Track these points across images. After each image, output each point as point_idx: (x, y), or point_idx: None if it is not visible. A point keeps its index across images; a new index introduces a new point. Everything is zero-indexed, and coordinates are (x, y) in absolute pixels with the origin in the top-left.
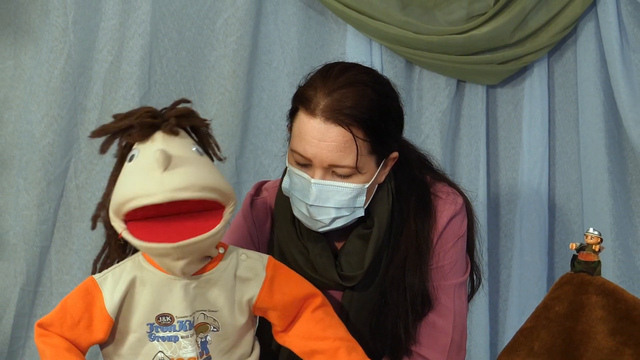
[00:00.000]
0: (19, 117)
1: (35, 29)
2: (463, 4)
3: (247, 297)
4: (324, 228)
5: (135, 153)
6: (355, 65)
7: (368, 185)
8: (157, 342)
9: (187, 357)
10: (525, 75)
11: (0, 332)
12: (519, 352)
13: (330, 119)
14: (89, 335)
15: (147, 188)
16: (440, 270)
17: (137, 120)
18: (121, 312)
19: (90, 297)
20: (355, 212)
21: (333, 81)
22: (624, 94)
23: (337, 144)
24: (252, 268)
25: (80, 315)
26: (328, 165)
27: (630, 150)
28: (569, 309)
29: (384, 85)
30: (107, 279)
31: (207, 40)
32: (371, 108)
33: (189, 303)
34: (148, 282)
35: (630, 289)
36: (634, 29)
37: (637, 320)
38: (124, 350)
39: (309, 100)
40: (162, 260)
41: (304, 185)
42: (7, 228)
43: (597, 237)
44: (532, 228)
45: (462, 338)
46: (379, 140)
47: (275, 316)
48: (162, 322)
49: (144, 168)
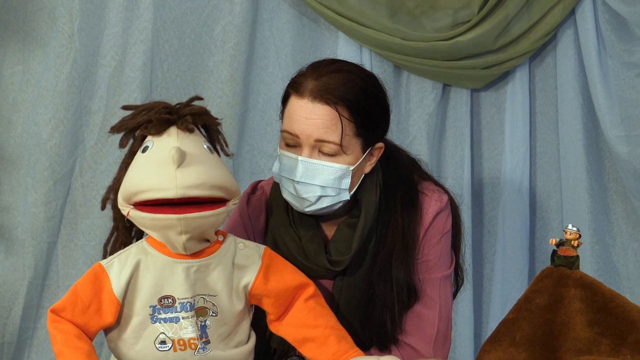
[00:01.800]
0: (27, 119)
1: (42, 35)
2: (448, 12)
3: (244, 283)
4: (311, 207)
5: (149, 145)
6: (344, 60)
7: (353, 168)
8: (159, 324)
9: (188, 337)
10: (508, 80)
11: (10, 323)
12: (501, 342)
13: (317, 98)
14: (99, 319)
15: (160, 182)
16: (426, 264)
17: (155, 116)
18: (126, 296)
19: (98, 282)
20: (340, 194)
21: (322, 69)
22: (601, 97)
23: (323, 121)
24: (249, 256)
25: (90, 300)
26: (314, 142)
27: (607, 150)
28: (549, 301)
29: (370, 76)
30: (113, 264)
31: (206, 46)
32: (357, 91)
33: (190, 285)
34: (151, 265)
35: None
36: (610, 35)
37: (614, 312)
38: (127, 334)
39: (299, 84)
40: (166, 233)
41: (292, 164)
42: (16, 224)
43: (576, 233)
44: (514, 224)
45: (448, 328)
46: (364, 124)
47: (269, 304)
48: (164, 304)
49: (159, 162)
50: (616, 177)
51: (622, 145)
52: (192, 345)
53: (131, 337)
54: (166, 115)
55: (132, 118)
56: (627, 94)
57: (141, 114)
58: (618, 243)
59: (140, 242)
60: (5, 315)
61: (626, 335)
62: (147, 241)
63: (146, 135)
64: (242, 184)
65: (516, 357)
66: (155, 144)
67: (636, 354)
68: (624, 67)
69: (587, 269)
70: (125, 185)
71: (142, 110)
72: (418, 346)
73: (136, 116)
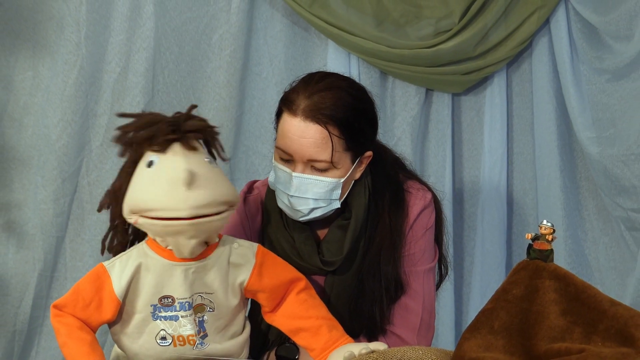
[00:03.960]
0: (37, 122)
1: (51, 43)
2: (431, 21)
3: (239, 280)
4: (304, 217)
5: (154, 160)
6: (334, 73)
7: (343, 179)
8: (159, 321)
9: (186, 334)
10: (487, 85)
11: (21, 312)
12: (480, 330)
13: (309, 118)
14: (98, 316)
15: (173, 204)
16: (411, 258)
17: (160, 135)
18: (127, 295)
19: (100, 281)
20: (331, 204)
21: (313, 86)
22: (574, 101)
23: (315, 140)
24: (243, 255)
25: (91, 298)
26: (307, 160)
27: (580, 151)
28: (525, 292)
29: (359, 90)
30: (115, 265)
31: (204, 53)
32: (346, 109)
33: (189, 286)
34: (152, 267)
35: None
36: (582, 43)
37: (586, 302)
38: (129, 329)
39: (292, 102)
40: (175, 239)
41: (286, 178)
42: (27, 220)
43: (550, 228)
44: (493, 220)
45: (431, 318)
46: (353, 139)
47: (264, 298)
48: (164, 303)
49: (169, 182)
50: (588, 175)
51: (593, 146)
52: (190, 341)
53: (134, 332)
54: (171, 135)
55: (135, 130)
56: (598, 98)
57: (145, 129)
58: (589, 237)
59: (140, 245)
60: (16, 305)
61: (597, 323)
62: (147, 244)
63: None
64: (238, 182)
65: (494, 344)
66: (160, 160)
67: (606, 340)
68: (595, 72)
69: (561, 262)
70: (133, 199)
71: (144, 124)
72: (403, 335)
73: (138, 130)
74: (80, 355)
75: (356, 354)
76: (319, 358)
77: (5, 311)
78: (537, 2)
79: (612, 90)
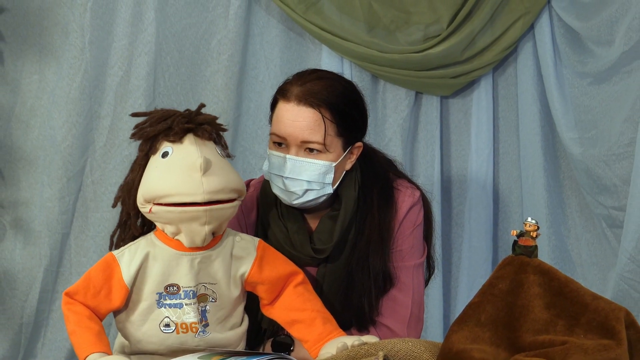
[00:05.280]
0: (43, 123)
1: (57, 48)
2: (420, 27)
3: (241, 272)
4: (298, 199)
5: (168, 151)
6: (325, 69)
7: (335, 164)
8: (164, 308)
9: (190, 321)
10: (474, 88)
11: (28, 305)
12: (468, 323)
13: (302, 102)
14: (108, 303)
15: (188, 188)
16: (400, 253)
17: (176, 125)
18: (135, 283)
19: (109, 270)
20: (324, 187)
21: (307, 76)
22: (558, 103)
23: (308, 123)
24: (245, 248)
25: (102, 285)
26: (300, 142)
27: (563, 151)
28: (511, 286)
29: (349, 82)
30: (124, 254)
31: (203, 58)
32: (338, 95)
33: (194, 275)
34: (159, 257)
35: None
36: (565, 48)
37: (569, 296)
38: (134, 316)
39: (286, 90)
40: (189, 225)
41: (281, 162)
42: (33, 217)
43: (535, 225)
44: (479, 217)
45: (420, 311)
46: (344, 125)
47: (263, 290)
48: (169, 291)
49: (184, 169)
50: (571, 175)
51: (576, 146)
52: (193, 329)
53: (138, 319)
54: (187, 125)
55: (150, 126)
56: (580, 101)
57: (161, 123)
58: (572, 234)
59: (148, 236)
60: (24, 298)
61: (580, 316)
62: (155, 235)
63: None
64: None
65: (481, 336)
66: (175, 150)
67: (588, 333)
68: (578, 76)
69: (545, 257)
70: (148, 187)
71: (160, 119)
72: (393, 326)
73: (155, 124)
74: (87, 344)
75: (349, 346)
76: (312, 349)
77: (13, 304)
78: (522, 9)
79: (594, 93)
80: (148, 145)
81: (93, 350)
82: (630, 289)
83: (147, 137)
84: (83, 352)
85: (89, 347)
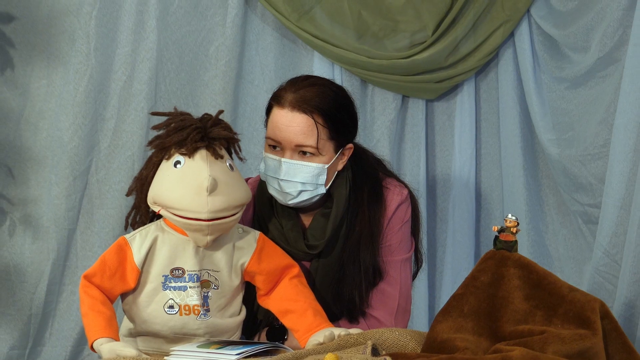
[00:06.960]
0: (51, 125)
1: (64, 54)
2: (407, 34)
3: (241, 262)
4: (293, 200)
5: (180, 161)
6: (317, 76)
7: (328, 166)
8: (169, 291)
9: (193, 304)
10: (457, 92)
11: (36, 297)
12: (452, 314)
13: (295, 108)
14: (122, 284)
15: (194, 206)
16: (389, 248)
17: (189, 142)
18: (144, 265)
19: (123, 253)
20: (317, 188)
21: (299, 83)
22: (536, 106)
23: (301, 128)
24: (246, 240)
25: (116, 268)
26: (294, 146)
27: (541, 151)
28: (492, 279)
29: (339, 88)
30: (135, 238)
31: (202, 63)
32: (329, 101)
33: (199, 261)
34: (167, 241)
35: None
36: (544, 54)
37: (547, 288)
38: (141, 298)
39: (280, 97)
40: (194, 234)
41: (276, 165)
42: (42, 214)
43: (515, 221)
44: (462, 214)
45: (407, 303)
46: (336, 129)
47: (260, 280)
48: (175, 275)
49: (192, 186)
50: (549, 174)
51: (553, 147)
52: (195, 311)
53: (144, 300)
54: (199, 143)
55: (167, 135)
56: (558, 104)
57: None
58: (550, 230)
59: (158, 222)
60: (32, 291)
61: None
62: (164, 221)
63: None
64: None
65: (464, 326)
66: (187, 163)
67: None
68: (556, 81)
69: (524, 252)
70: (158, 194)
71: (176, 128)
72: (382, 318)
73: (171, 134)
74: (97, 328)
75: (336, 336)
76: (302, 338)
77: (22, 296)
78: (502, 17)
79: (570, 96)
80: (162, 152)
81: (102, 335)
82: (605, 282)
83: (162, 147)
84: (93, 335)
85: (98, 331)
